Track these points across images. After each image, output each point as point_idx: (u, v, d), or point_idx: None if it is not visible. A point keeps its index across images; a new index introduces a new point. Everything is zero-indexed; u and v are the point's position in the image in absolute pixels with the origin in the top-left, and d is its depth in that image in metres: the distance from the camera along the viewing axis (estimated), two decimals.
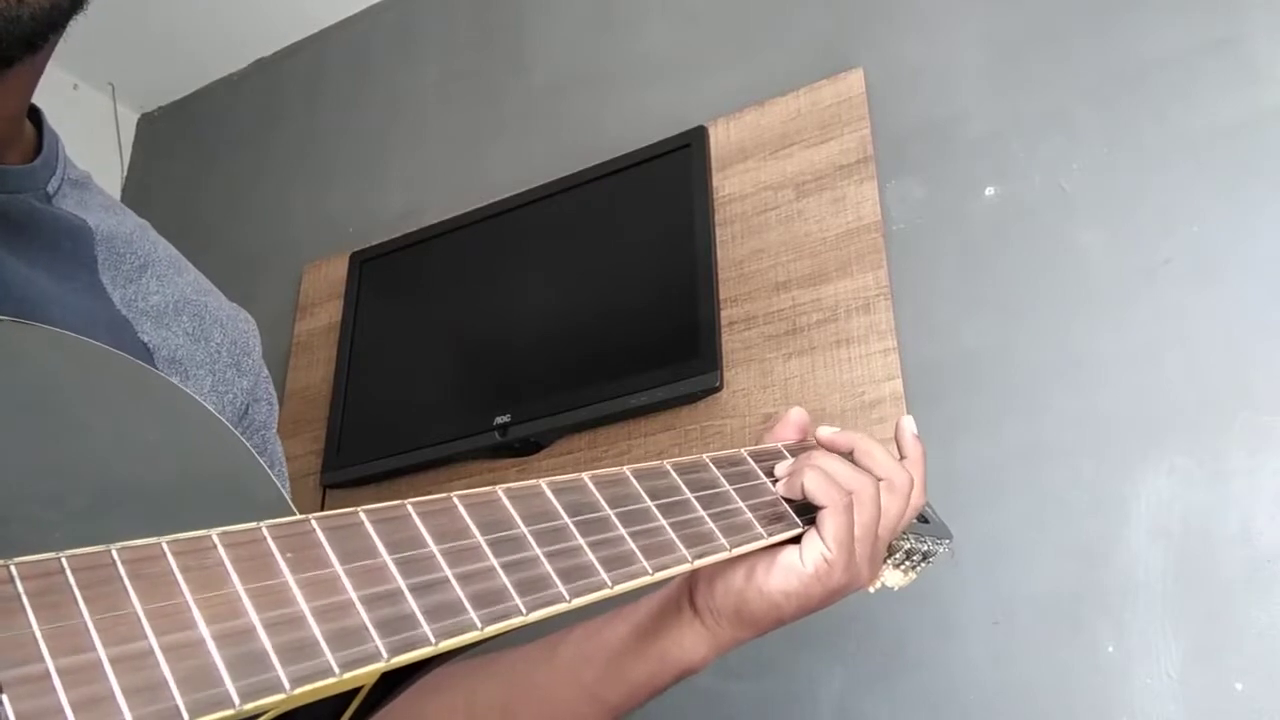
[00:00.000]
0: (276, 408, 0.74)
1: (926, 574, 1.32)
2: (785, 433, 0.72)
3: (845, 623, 1.36)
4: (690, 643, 0.65)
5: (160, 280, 0.66)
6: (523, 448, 1.70)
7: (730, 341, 1.59)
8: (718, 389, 1.54)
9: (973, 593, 1.31)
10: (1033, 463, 1.34)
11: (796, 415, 0.73)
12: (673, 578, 0.56)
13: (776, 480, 0.66)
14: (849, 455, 0.68)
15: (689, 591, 0.65)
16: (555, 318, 1.75)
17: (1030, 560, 1.30)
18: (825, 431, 0.71)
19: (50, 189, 0.61)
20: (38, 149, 0.62)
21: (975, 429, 1.39)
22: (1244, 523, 1.21)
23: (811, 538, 0.63)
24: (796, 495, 0.64)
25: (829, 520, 0.62)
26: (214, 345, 0.67)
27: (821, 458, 0.66)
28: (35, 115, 0.64)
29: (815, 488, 0.63)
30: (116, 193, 2.57)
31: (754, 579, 0.62)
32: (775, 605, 0.63)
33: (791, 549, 0.63)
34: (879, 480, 0.66)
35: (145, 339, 0.62)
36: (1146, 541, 1.25)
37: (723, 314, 1.61)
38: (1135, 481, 1.28)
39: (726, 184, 1.72)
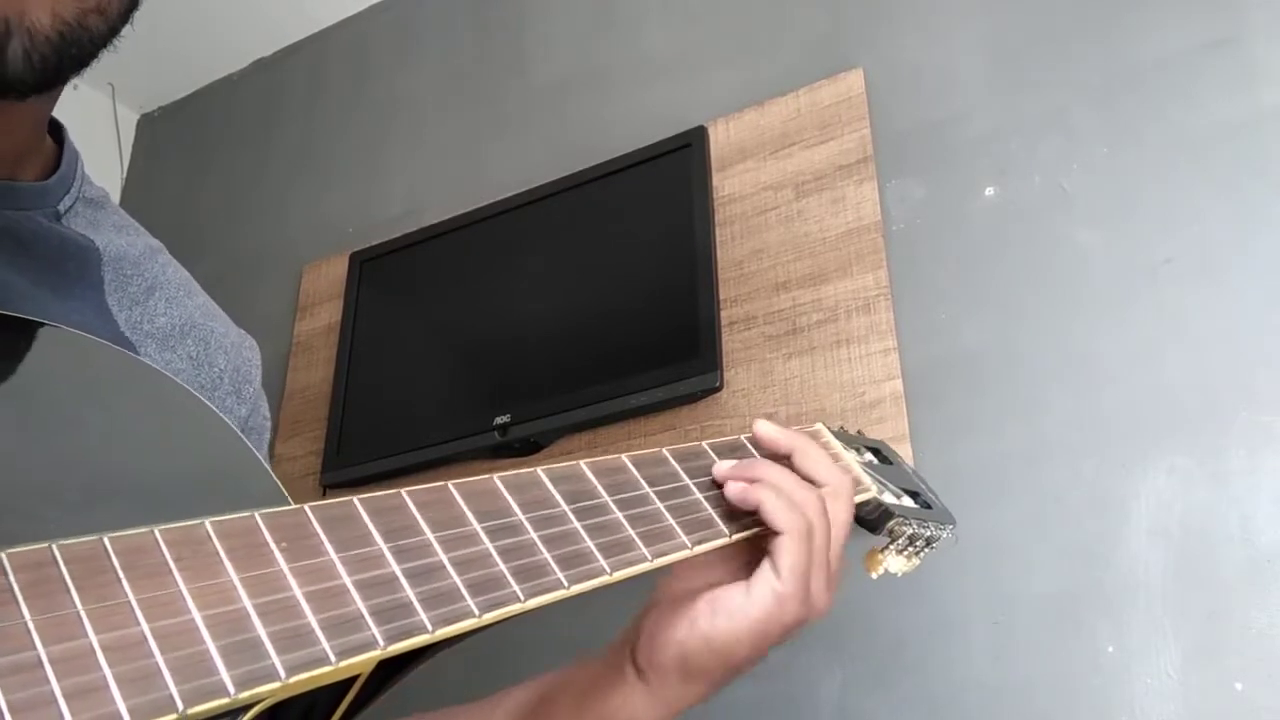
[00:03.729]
0: (268, 434, 0.73)
1: (927, 574, 1.31)
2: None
3: (845, 623, 1.36)
4: (638, 705, 0.58)
5: (168, 303, 0.65)
6: (523, 448, 1.70)
7: (730, 341, 1.59)
8: (718, 389, 1.54)
9: (973, 593, 1.31)
10: (1033, 463, 1.34)
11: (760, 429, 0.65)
12: (669, 566, 0.54)
13: (717, 482, 0.59)
14: (786, 459, 0.62)
15: (631, 652, 0.60)
16: (555, 318, 1.75)
17: (1030, 560, 1.30)
18: (764, 429, 0.64)
19: (62, 207, 0.60)
20: (56, 165, 0.62)
21: (975, 429, 1.39)
22: (1244, 523, 1.21)
23: (763, 572, 0.57)
24: (748, 509, 0.58)
25: (787, 550, 0.56)
26: (217, 371, 0.67)
27: (771, 471, 0.59)
28: (59, 131, 0.63)
29: (775, 512, 0.57)
30: (116, 193, 2.57)
31: (697, 628, 0.56)
32: (726, 653, 0.57)
33: (735, 589, 0.57)
34: (822, 489, 0.60)
35: (148, 361, 0.62)
36: (1146, 541, 1.24)
37: (723, 314, 1.61)
38: (1135, 481, 1.27)
39: (726, 184, 1.72)
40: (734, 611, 0.56)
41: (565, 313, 1.74)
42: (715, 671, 0.58)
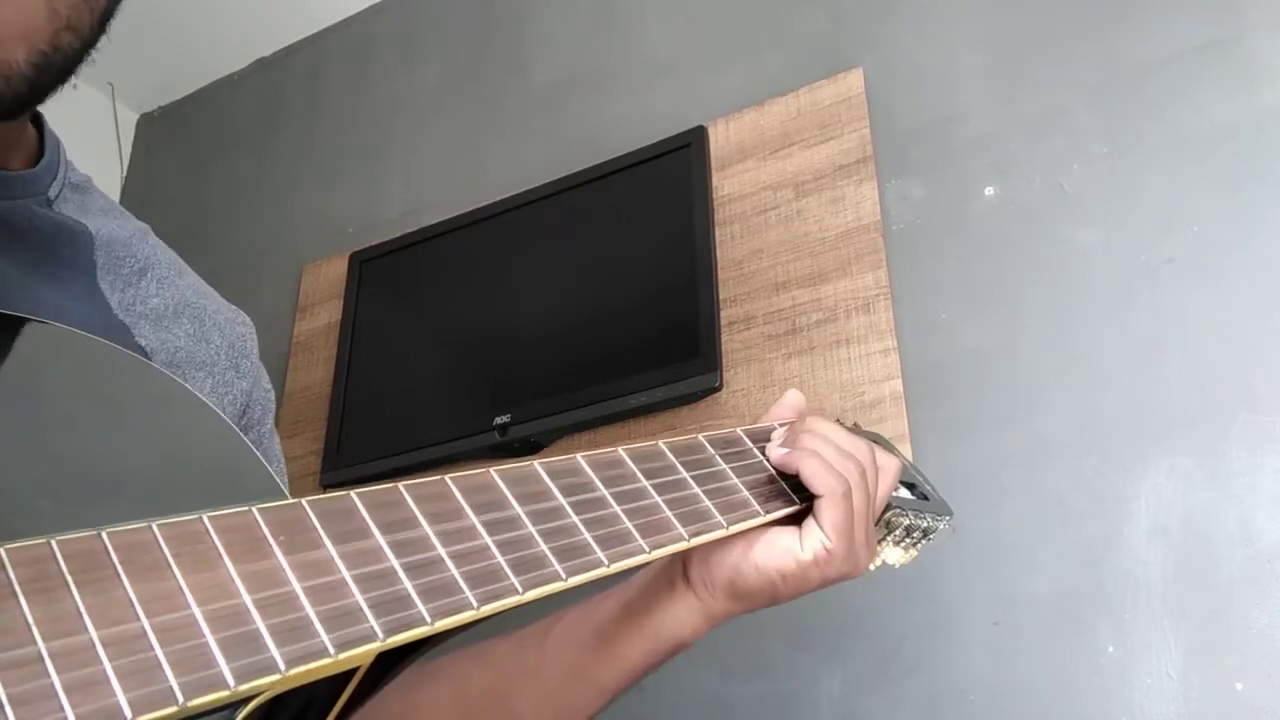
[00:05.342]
0: (273, 406, 0.74)
1: (928, 574, 1.31)
2: (782, 414, 0.72)
3: (845, 623, 1.36)
4: (684, 616, 0.64)
5: (160, 284, 0.66)
6: (523, 448, 1.69)
7: (730, 341, 1.59)
8: (718, 389, 1.54)
9: (973, 593, 1.31)
10: (1033, 463, 1.34)
11: (792, 398, 0.73)
12: (668, 556, 0.55)
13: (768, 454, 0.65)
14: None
15: (683, 566, 0.65)
16: (555, 317, 1.75)
17: (1030, 560, 1.30)
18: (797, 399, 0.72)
19: (51, 193, 0.61)
20: (39, 152, 0.62)
21: (976, 429, 1.39)
22: (1244, 523, 1.21)
23: (811, 527, 0.62)
24: (791, 472, 0.64)
25: (828, 510, 0.62)
26: (214, 348, 0.67)
27: (814, 440, 0.65)
28: (36, 118, 0.64)
29: (814, 476, 0.62)
30: (116, 193, 2.56)
31: (750, 555, 0.62)
32: (770, 583, 0.62)
33: (791, 532, 0.62)
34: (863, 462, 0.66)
35: (143, 343, 0.62)
36: (1146, 541, 1.24)
37: (723, 314, 1.61)
38: (1135, 481, 1.27)
39: (726, 184, 1.72)
40: (786, 551, 0.62)
41: (565, 313, 1.74)
42: (757, 597, 0.64)
